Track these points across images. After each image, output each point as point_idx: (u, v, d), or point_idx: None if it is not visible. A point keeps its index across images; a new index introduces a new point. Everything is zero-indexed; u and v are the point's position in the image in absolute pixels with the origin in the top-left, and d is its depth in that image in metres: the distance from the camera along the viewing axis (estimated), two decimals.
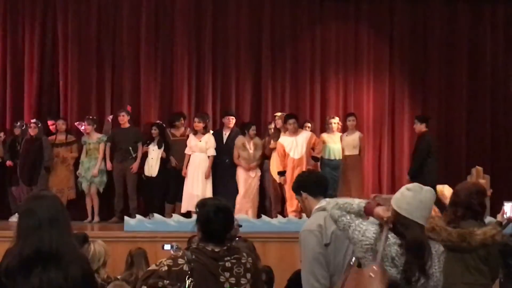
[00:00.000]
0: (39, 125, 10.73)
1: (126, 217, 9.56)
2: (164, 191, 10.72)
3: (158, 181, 10.64)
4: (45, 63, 11.47)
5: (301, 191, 4.11)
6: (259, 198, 10.51)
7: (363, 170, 10.87)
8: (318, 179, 4.16)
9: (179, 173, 10.59)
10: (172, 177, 10.70)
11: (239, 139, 10.45)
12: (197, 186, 10.31)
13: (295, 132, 10.06)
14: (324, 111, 11.75)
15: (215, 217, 3.58)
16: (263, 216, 9.65)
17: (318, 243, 3.80)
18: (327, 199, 3.91)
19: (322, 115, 11.68)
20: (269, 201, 10.65)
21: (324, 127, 11.09)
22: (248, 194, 10.27)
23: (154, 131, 10.73)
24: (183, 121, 10.91)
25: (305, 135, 10.21)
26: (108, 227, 10.08)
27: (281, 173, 10.10)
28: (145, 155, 10.78)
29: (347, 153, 10.62)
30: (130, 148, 10.71)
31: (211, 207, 3.61)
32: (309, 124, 10.85)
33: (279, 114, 10.64)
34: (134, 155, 10.73)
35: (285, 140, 10.08)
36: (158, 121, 11.01)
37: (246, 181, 10.33)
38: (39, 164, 10.60)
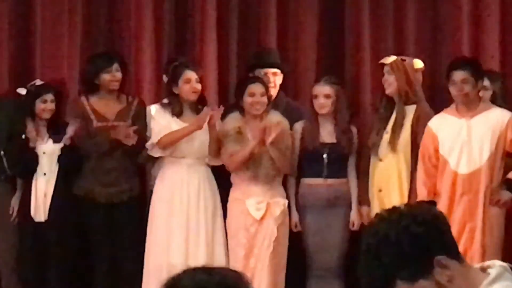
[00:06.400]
0: None
1: None
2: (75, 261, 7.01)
3: (60, 235, 6.93)
4: None
5: (434, 257, 2.33)
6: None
7: None
8: (443, 225, 2.58)
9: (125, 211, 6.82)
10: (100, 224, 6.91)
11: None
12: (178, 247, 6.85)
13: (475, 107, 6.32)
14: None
15: None
16: None
17: None
18: (499, 268, 2.46)
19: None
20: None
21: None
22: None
23: (42, 108, 6.98)
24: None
25: (495, 117, 6.27)
26: None
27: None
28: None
29: None
30: (2, 153, 7.23)
31: None
32: (487, 83, 6.87)
33: (392, 58, 6.72)
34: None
35: (443, 123, 6.31)
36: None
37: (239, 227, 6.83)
38: None
